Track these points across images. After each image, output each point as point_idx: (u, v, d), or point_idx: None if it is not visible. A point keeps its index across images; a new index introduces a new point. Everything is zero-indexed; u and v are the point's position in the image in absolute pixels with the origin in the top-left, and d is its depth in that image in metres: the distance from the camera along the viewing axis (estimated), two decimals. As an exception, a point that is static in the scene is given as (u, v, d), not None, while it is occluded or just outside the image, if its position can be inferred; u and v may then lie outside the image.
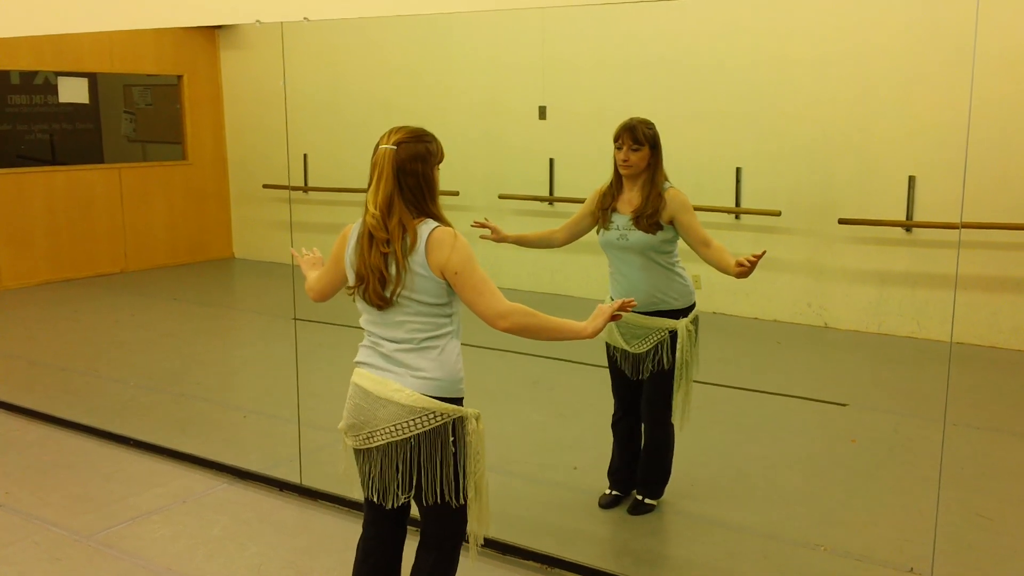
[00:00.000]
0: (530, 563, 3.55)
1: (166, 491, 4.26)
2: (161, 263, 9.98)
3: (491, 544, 3.62)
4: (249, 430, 5.14)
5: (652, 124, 3.69)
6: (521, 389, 5.78)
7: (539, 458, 4.62)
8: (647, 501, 3.96)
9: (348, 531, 3.74)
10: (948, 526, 3.75)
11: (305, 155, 9.62)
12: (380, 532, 2.74)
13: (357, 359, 2.67)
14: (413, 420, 2.51)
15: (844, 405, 5.39)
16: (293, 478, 4.26)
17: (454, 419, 2.55)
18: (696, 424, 3.98)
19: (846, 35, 6.91)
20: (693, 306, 3.78)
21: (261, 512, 4.05)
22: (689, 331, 3.72)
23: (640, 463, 3.99)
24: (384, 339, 2.58)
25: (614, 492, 4.04)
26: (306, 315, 4.49)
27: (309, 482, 4.20)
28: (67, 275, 9.21)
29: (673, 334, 3.71)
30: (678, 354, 3.71)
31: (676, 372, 3.72)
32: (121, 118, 10.63)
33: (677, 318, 3.72)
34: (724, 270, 3.54)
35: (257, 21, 4.11)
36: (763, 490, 4.25)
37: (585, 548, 3.69)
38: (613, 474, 4.07)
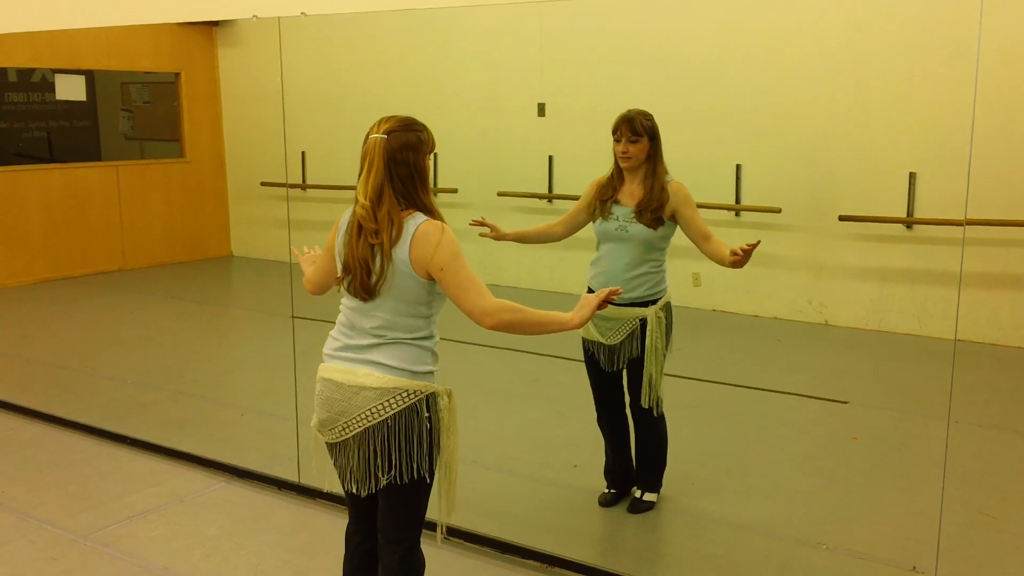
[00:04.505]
0: (530, 562, 3.52)
1: (163, 490, 4.23)
2: (159, 261, 9.94)
3: (490, 543, 3.60)
4: (247, 428, 5.12)
5: (650, 115, 3.68)
6: (520, 387, 5.76)
7: (538, 456, 4.60)
8: (646, 498, 3.94)
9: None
10: (951, 524, 3.73)
11: (303, 152, 9.59)
12: (365, 524, 2.72)
13: (325, 350, 2.64)
14: (388, 401, 2.49)
15: (845, 403, 5.37)
16: (291, 477, 4.23)
17: (427, 395, 2.53)
18: (696, 421, 3.96)
19: (847, 31, 6.88)
20: (663, 293, 3.77)
21: (258, 511, 4.03)
22: (659, 317, 3.72)
23: (635, 456, 3.98)
24: (356, 329, 2.56)
25: (612, 491, 4.03)
26: (304, 313, 4.46)
27: (307, 481, 4.16)
28: (64, 273, 9.18)
29: (643, 322, 3.71)
30: (648, 340, 3.70)
31: (646, 358, 3.72)
32: (118, 116, 10.60)
33: (646, 307, 3.72)
34: (720, 261, 3.54)
35: (254, 16, 4.08)
36: (763, 488, 4.22)
37: (585, 546, 3.67)
38: (609, 473, 4.06)
